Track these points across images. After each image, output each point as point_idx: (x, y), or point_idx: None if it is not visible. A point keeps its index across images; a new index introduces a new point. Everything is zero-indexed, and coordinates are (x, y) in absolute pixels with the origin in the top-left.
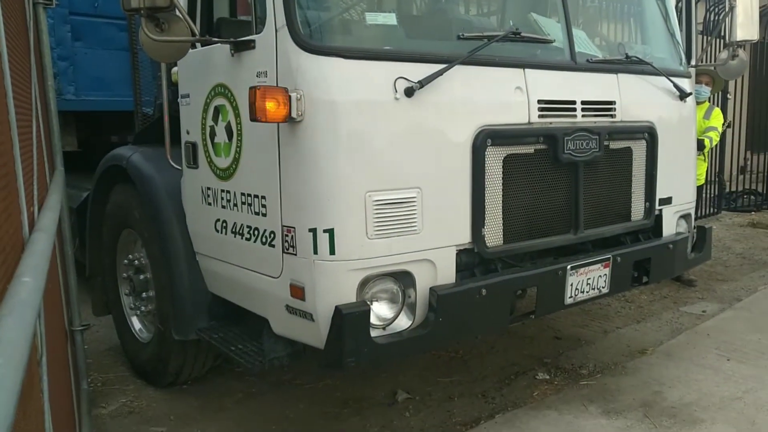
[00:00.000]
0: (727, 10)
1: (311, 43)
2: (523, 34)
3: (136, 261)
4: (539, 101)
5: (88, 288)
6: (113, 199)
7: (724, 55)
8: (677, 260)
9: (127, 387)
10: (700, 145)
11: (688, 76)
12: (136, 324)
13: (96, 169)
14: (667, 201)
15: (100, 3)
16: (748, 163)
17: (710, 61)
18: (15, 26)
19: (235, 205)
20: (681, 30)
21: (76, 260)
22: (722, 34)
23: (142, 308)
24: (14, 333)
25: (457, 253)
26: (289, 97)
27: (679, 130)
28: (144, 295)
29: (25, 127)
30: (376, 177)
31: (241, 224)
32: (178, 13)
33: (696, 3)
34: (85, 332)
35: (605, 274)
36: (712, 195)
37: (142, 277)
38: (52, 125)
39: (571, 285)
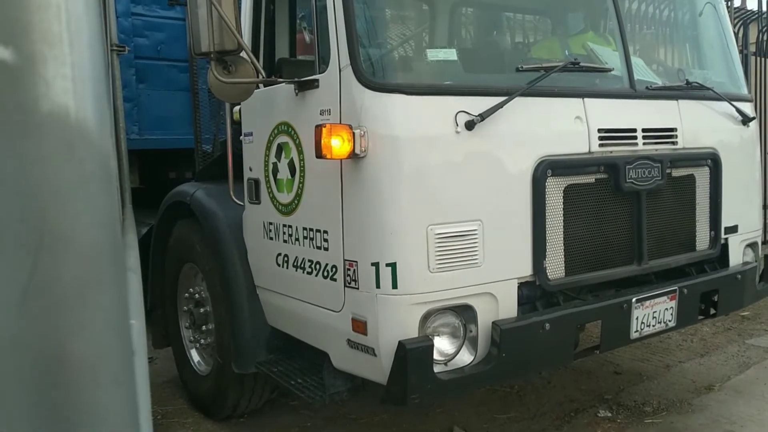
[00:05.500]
0: None
1: (374, 80)
2: (581, 64)
3: (196, 294)
4: (599, 130)
5: (148, 321)
6: (176, 234)
7: None
8: (746, 291)
9: (186, 420)
10: None
11: (750, 100)
12: (195, 357)
13: (156, 204)
14: (732, 229)
15: (162, 47)
16: None
17: (765, 83)
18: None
19: (297, 239)
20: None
21: None
22: None
23: (202, 341)
24: (138, 379)
25: (518, 286)
26: (353, 134)
27: (742, 156)
28: (204, 328)
29: None
30: (438, 210)
31: (303, 258)
32: (244, 55)
33: (748, 24)
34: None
35: (672, 307)
36: None
37: (202, 310)
38: (122, 164)
39: (637, 319)
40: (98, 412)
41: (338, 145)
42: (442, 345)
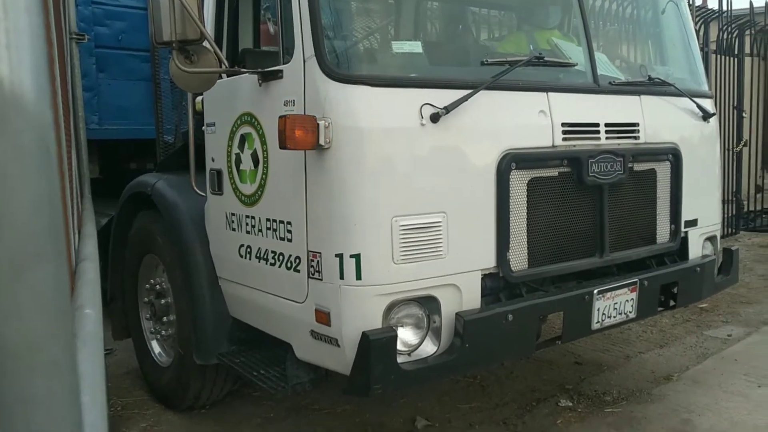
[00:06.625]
0: None
1: (339, 72)
2: (546, 59)
3: (157, 286)
4: (563, 124)
5: (108, 312)
6: (136, 225)
7: None
8: (705, 283)
9: (146, 411)
10: None
11: (711, 97)
12: (156, 348)
13: (116, 194)
14: (692, 223)
15: (123, 36)
16: (764, 181)
17: (725, 80)
18: (62, 62)
19: (260, 230)
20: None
21: None
22: (736, 52)
23: (163, 332)
24: (91, 367)
25: (482, 278)
26: (318, 125)
27: (703, 151)
28: (165, 319)
29: (66, 158)
30: (403, 202)
31: (266, 249)
32: (207, 44)
33: (709, 22)
34: (107, 357)
35: (632, 299)
36: (730, 215)
37: (163, 301)
38: (81, 154)
39: (598, 310)
40: (36, 397)
41: (302, 136)
42: (406, 336)
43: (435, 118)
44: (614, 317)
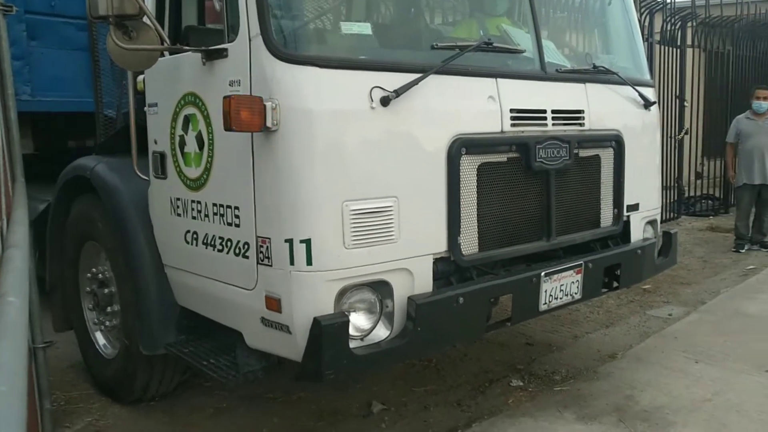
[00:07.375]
0: None
1: (286, 52)
2: (495, 45)
3: (100, 274)
4: (511, 110)
5: (48, 303)
6: (75, 211)
7: None
8: (646, 265)
9: (91, 405)
10: None
11: (652, 86)
12: (100, 339)
13: (55, 175)
14: (634, 207)
15: (57, 2)
16: (704, 168)
17: (668, 70)
18: None
19: (207, 215)
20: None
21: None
22: (678, 43)
23: (107, 323)
24: (11, 356)
25: (433, 262)
26: (264, 106)
27: (644, 138)
28: (108, 309)
29: None
30: (353, 186)
31: (213, 235)
32: (147, 20)
33: (654, 13)
34: (47, 349)
35: (578, 280)
36: (672, 200)
37: (106, 290)
38: (12, 133)
39: (546, 292)
40: None
41: (248, 117)
42: (359, 321)
43: (385, 101)
44: (561, 298)
